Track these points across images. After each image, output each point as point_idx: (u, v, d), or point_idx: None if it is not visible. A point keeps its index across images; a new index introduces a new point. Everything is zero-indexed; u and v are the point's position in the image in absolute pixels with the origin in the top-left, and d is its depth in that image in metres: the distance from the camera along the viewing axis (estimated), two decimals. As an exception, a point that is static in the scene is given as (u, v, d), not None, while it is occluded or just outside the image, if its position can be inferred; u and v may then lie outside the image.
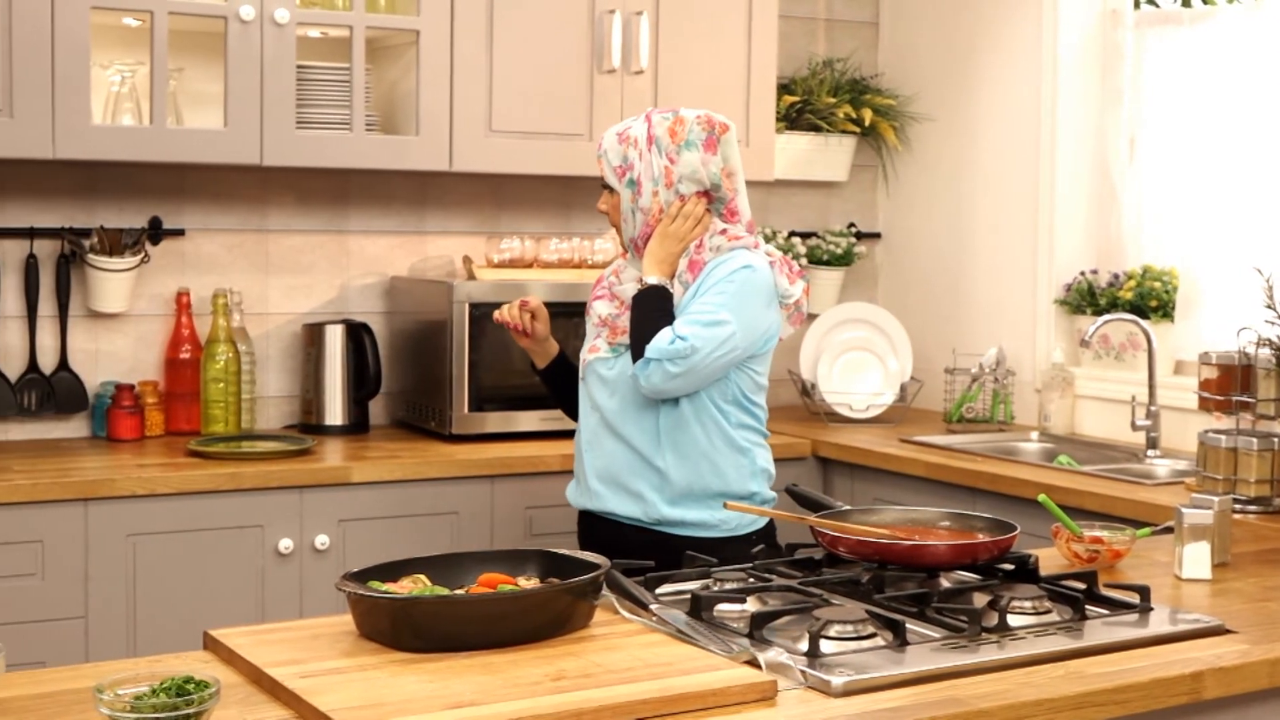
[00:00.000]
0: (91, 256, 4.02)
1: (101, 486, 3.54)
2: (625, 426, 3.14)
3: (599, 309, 3.24)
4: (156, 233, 4.17)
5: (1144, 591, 2.43)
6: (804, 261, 5.02)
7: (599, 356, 3.20)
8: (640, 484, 3.13)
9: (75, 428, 4.12)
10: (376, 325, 4.40)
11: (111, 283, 4.05)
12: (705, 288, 3.06)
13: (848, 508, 2.74)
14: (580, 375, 3.26)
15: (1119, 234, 4.61)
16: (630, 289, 3.17)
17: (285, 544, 3.72)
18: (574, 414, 3.34)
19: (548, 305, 3.38)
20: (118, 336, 4.17)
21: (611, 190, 3.22)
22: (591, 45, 4.28)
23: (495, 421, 4.14)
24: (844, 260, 5.07)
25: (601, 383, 3.19)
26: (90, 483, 3.53)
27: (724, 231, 3.15)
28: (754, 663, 2.07)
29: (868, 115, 5.00)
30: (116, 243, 4.05)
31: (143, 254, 4.10)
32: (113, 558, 3.55)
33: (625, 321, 3.15)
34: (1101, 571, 2.64)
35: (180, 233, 4.22)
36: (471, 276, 4.28)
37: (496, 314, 3.38)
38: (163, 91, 3.81)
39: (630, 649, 2.13)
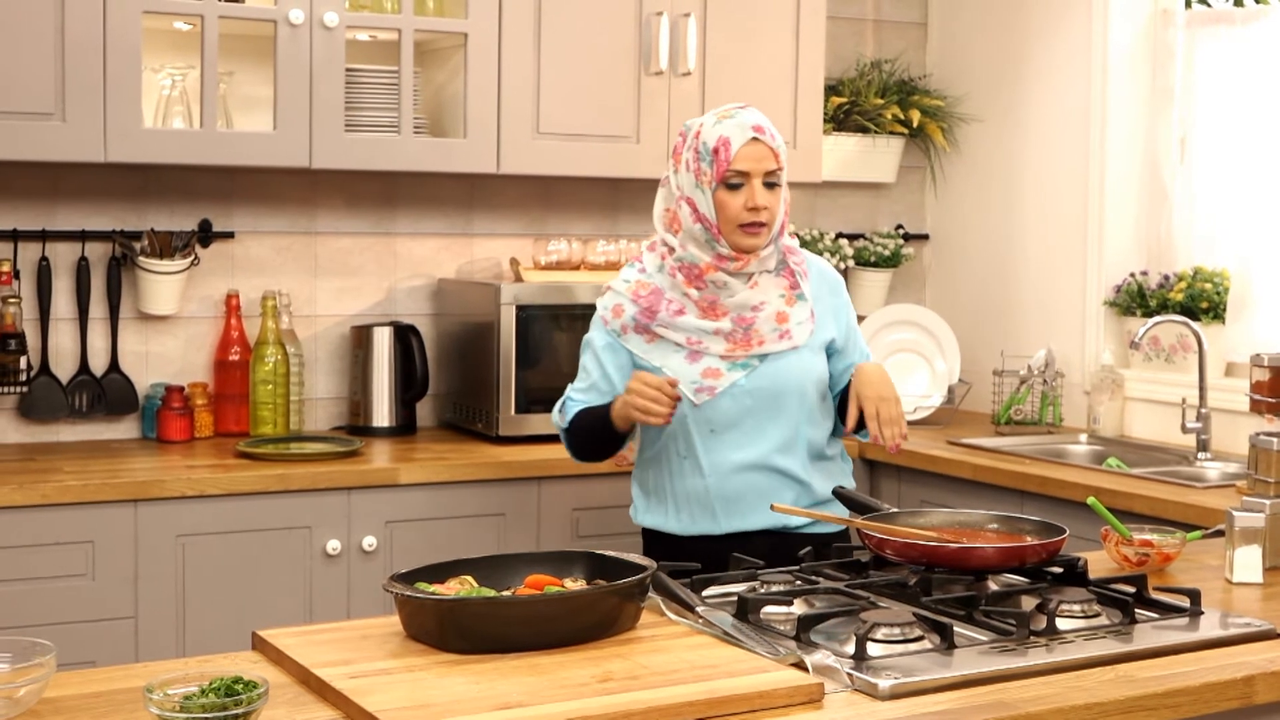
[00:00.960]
0: (142, 259, 4.05)
1: (151, 488, 3.56)
2: (760, 442, 3.02)
3: (699, 324, 3.01)
4: (206, 235, 4.20)
5: (1194, 595, 2.42)
6: (851, 263, 5.00)
7: (729, 381, 3.00)
8: (785, 494, 3.02)
9: (125, 429, 4.15)
10: (424, 327, 4.41)
11: (162, 285, 4.08)
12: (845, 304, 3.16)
13: (894, 510, 2.73)
14: (685, 403, 3.00)
15: (1169, 235, 4.58)
16: (747, 295, 3.00)
17: (333, 545, 3.73)
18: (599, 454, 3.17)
19: (593, 309, 3.37)
20: (168, 338, 4.20)
21: (774, 185, 3.00)
22: (639, 47, 4.28)
23: (542, 423, 4.13)
24: (892, 262, 5.05)
25: (731, 401, 3.00)
26: (140, 484, 3.56)
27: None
28: (800, 665, 2.07)
29: (916, 116, 4.98)
30: (167, 245, 4.08)
31: (193, 256, 4.13)
32: (162, 558, 3.57)
33: (756, 330, 3.00)
34: (1151, 575, 2.62)
35: (230, 235, 4.24)
36: (519, 278, 4.29)
37: (659, 420, 2.94)
38: (213, 95, 3.83)
39: (677, 651, 2.13)
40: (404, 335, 4.29)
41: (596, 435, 3.09)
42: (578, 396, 3.12)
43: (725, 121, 2.99)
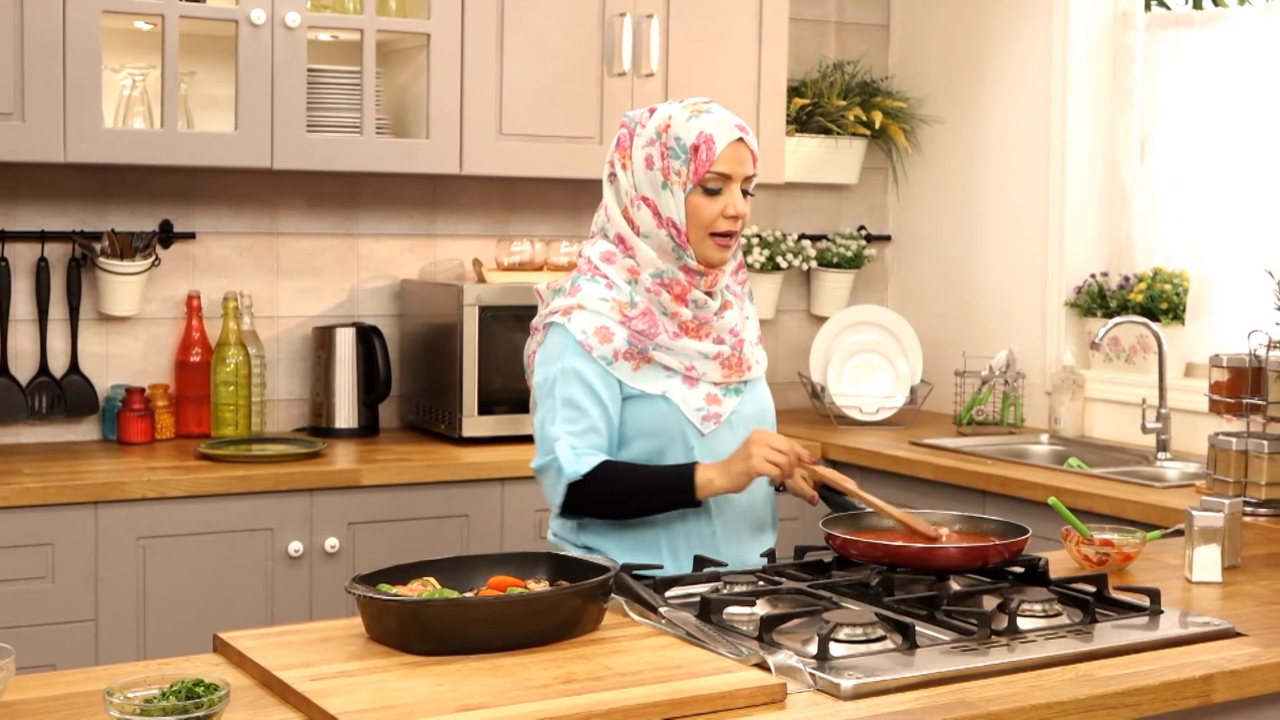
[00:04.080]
0: (102, 260, 4.03)
1: (112, 489, 3.54)
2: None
3: (697, 347, 2.74)
4: (167, 236, 4.18)
5: (1154, 594, 2.43)
6: (814, 264, 5.02)
7: (729, 409, 2.77)
8: (768, 523, 2.87)
9: (86, 431, 4.13)
10: (386, 328, 4.40)
11: (122, 286, 4.05)
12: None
13: (871, 510, 2.73)
14: (692, 434, 2.74)
15: (1129, 236, 4.60)
16: (732, 316, 2.79)
17: (295, 547, 3.72)
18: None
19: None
20: (128, 340, 4.18)
21: (747, 194, 2.74)
22: (602, 48, 4.29)
23: (505, 424, 4.13)
24: (854, 263, 5.06)
25: (729, 430, 2.76)
26: (100, 485, 3.54)
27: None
28: (763, 665, 2.07)
29: (878, 118, 5.00)
30: (127, 246, 4.06)
31: (153, 257, 4.11)
32: (123, 560, 3.55)
33: (744, 354, 2.80)
34: (1111, 574, 2.64)
35: (191, 236, 4.22)
36: (481, 279, 4.29)
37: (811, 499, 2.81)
38: (173, 95, 3.82)
39: (640, 652, 2.13)
40: (366, 336, 4.28)
41: (645, 498, 2.68)
42: (581, 442, 2.66)
43: (703, 117, 2.69)
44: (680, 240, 2.70)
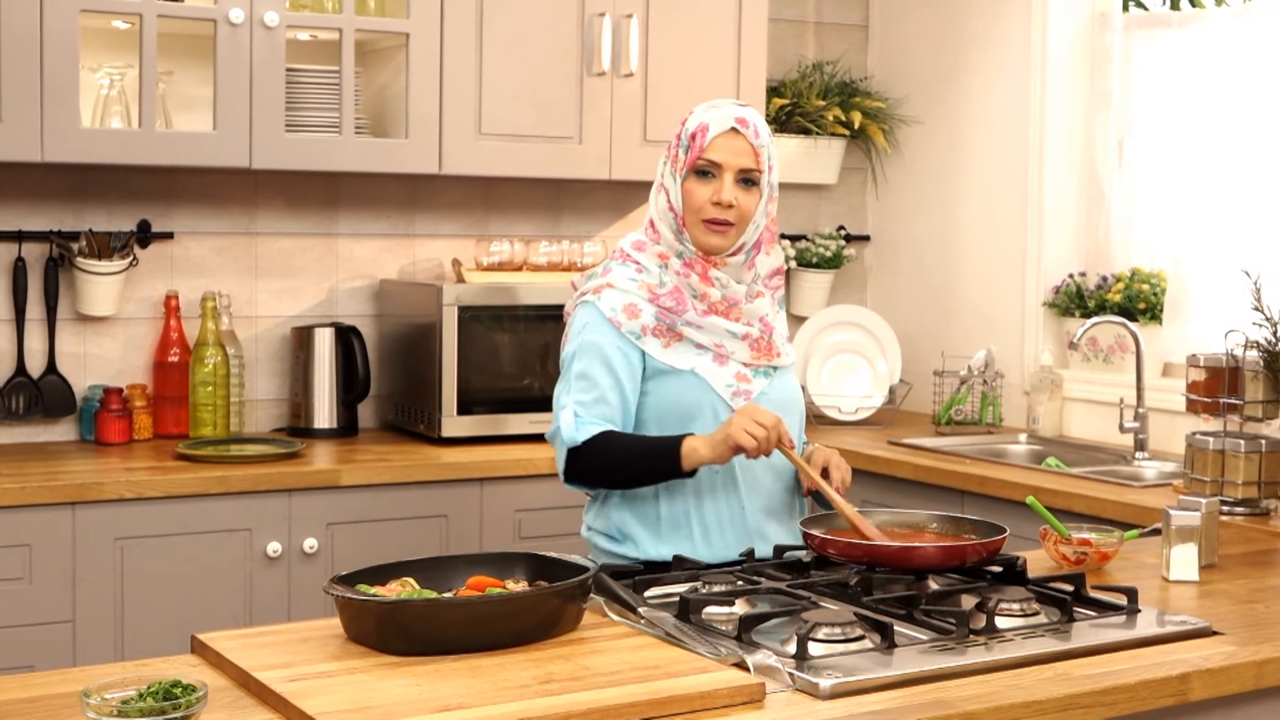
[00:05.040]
0: (80, 260, 4.02)
1: (89, 490, 3.53)
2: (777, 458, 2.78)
3: (726, 326, 2.79)
4: (145, 236, 4.16)
5: (1131, 593, 2.44)
6: (793, 264, 5.02)
7: (758, 389, 2.81)
8: (795, 508, 2.88)
9: (63, 431, 4.12)
10: (365, 328, 4.39)
11: (100, 286, 4.04)
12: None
13: (866, 510, 2.73)
14: (723, 409, 2.77)
15: (1107, 236, 4.62)
16: (761, 302, 2.84)
17: (274, 547, 3.71)
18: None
19: (535, 309, 3.35)
20: (106, 340, 4.16)
21: (750, 184, 2.80)
22: (581, 48, 4.28)
23: (484, 424, 4.13)
24: (833, 263, 5.07)
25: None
26: (78, 486, 3.53)
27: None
28: (742, 665, 2.08)
29: (857, 118, 5.01)
30: (105, 246, 4.05)
31: (131, 257, 4.09)
32: (100, 561, 3.54)
33: (774, 340, 2.85)
34: (1089, 573, 2.65)
35: (169, 236, 4.21)
36: (461, 279, 4.28)
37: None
38: (152, 94, 3.80)
39: (618, 652, 2.13)
40: (345, 336, 4.27)
41: (636, 469, 2.72)
42: (587, 412, 2.73)
43: (712, 110, 2.79)
44: (679, 224, 2.80)
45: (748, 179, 2.78)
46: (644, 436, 2.76)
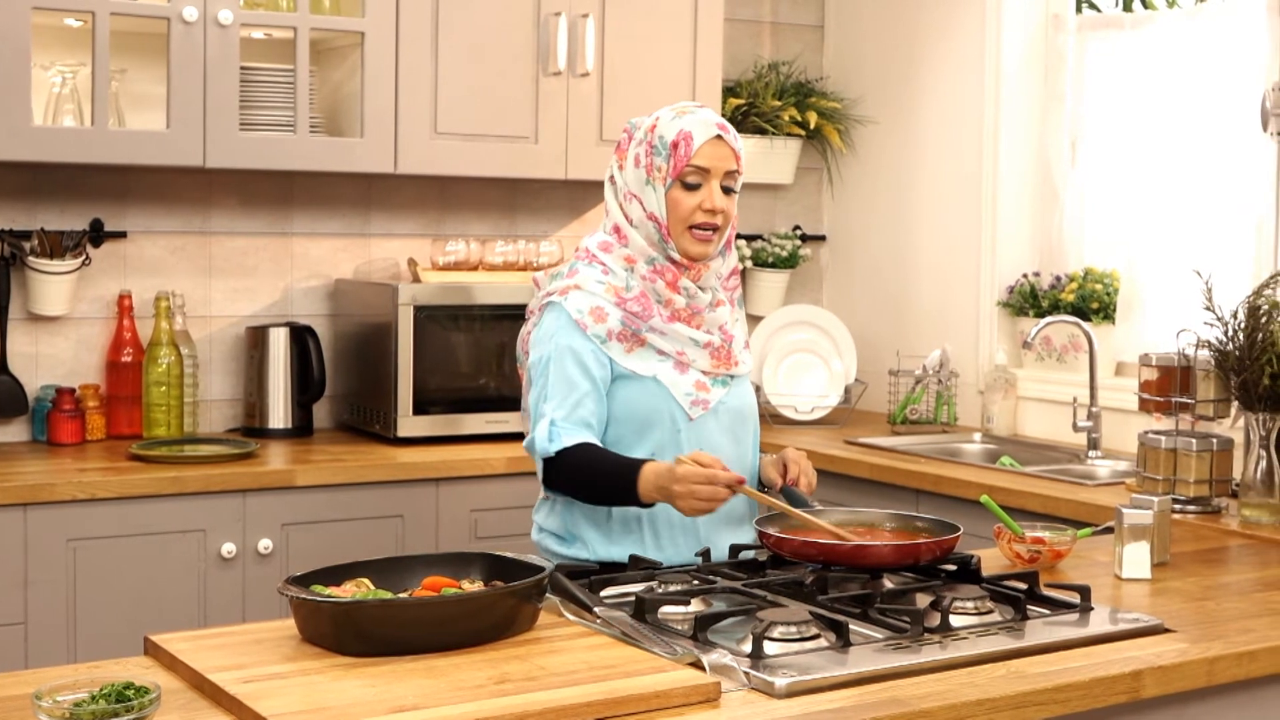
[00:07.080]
0: (32, 259, 3.99)
1: (41, 491, 3.50)
2: (741, 460, 2.87)
3: (689, 333, 2.81)
4: (98, 235, 4.14)
5: (1084, 591, 2.46)
6: (749, 264, 5.03)
7: (716, 398, 2.84)
8: (748, 512, 2.87)
9: (15, 432, 4.09)
10: (321, 328, 4.38)
11: (52, 285, 4.01)
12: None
13: (821, 508, 2.74)
14: (681, 419, 2.80)
15: (1061, 237, 4.64)
16: (724, 310, 2.87)
17: (228, 548, 3.70)
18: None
19: (491, 309, 3.34)
20: (58, 339, 4.13)
21: (729, 189, 2.84)
22: (537, 48, 4.28)
23: (440, 424, 4.12)
24: (789, 263, 5.08)
25: (715, 419, 2.83)
26: (30, 487, 3.50)
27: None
28: (698, 665, 2.08)
29: (813, 118, 5.02)
30: (57, 245, 4.02)
31: (84, 256, 4.07)
32: (53, 563, 3.52)
33: (733, 349, 2.87)
34: (1043, 572, 2.66)
35: (122, 235, 4.18)
36: (416, 279, 4.27)
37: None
38: (104, 93, 3.78)
39: (574, 652, 2.13)
40: (300, 336, 4.25)
41: (601, 491, 2.73)
42: (565, 420, 2.72)
43: (686, 117, 2.81)
44: (663, 232, 2.79)
45: (728, 185, 2.82)
46: (613, 459, 2.72)
